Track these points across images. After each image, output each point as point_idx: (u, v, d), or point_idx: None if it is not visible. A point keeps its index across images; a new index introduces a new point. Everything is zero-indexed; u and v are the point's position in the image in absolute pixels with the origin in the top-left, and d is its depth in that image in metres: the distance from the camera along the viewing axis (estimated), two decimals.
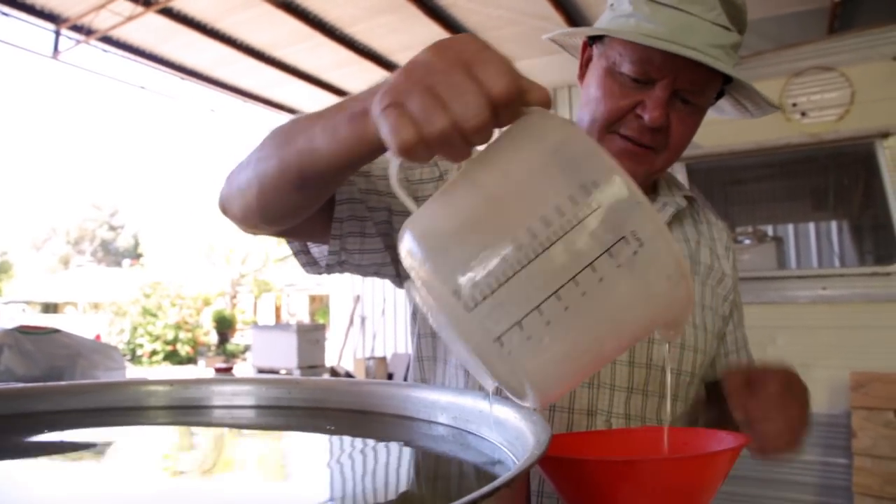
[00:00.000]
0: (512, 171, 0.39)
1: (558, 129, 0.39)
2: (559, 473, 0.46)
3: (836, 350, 2.57)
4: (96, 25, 6.46)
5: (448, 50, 0.40)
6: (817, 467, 2.56)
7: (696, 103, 0.84)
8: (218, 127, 68.02)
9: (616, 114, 0.84)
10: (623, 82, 0.83)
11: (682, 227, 0.98)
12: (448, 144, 0.39)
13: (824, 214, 5.16)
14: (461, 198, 0.40)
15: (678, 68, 0.79)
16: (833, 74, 2.71)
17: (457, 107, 0.38)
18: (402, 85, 0.40)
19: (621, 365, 0.86)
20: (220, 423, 0.65)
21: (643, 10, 0.80)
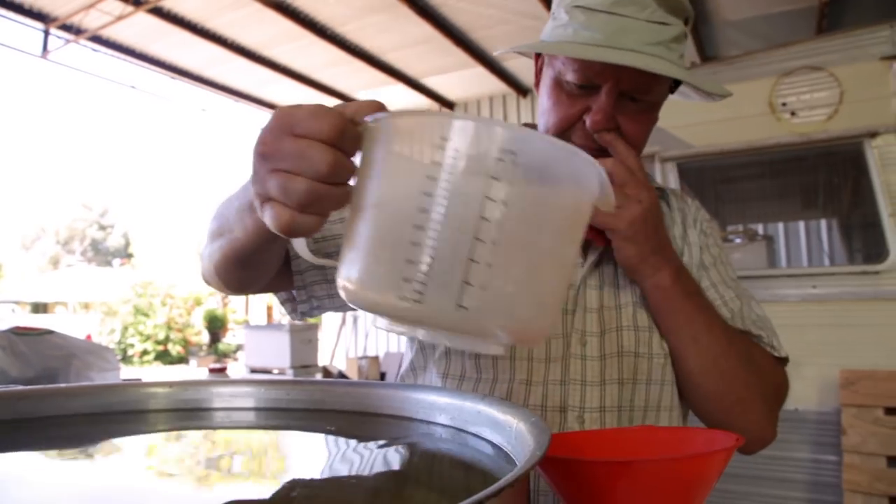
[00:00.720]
0: (377, 177, 0.41)
1: (388, 123, 0.41)
2: (557, 473, 0.47)
3: (826, 348, 2.60)
4: (86, 25, 6.42)
5: (269, 134, 0.44)
6: (807, 464, 2.59)
7: (646, 100, 0.84)
8: (209, 126, 67.75)
9: (566, 122, 0.86)
10: (570, 91, 0.84)
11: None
12: (319, 199, 0.42)
13: (814, 213, 5.21)
14: (358, 227, 0.42)
15: (618, 72, 0.80)
16: (822, 74, 2.73)
17: (304, 167, 0.41)
18: (256, 180, 0.44)
19: (592, 360, 0.86)
20: (219, 426, 0.65)
21: (578, 18, 0.81)
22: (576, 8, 0.82)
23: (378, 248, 0.40)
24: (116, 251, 40.73)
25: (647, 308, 0.89)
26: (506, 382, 0.85)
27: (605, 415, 0.86)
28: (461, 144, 0.37)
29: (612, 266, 0.91)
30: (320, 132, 0.41)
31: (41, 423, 0.61)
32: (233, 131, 62.70)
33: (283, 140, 0.42)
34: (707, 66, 3.19)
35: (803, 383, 2.62)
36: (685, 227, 1.00)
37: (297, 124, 0.42)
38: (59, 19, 6.40)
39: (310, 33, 6.55)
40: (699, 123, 2.95)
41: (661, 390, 0.90)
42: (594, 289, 0.89)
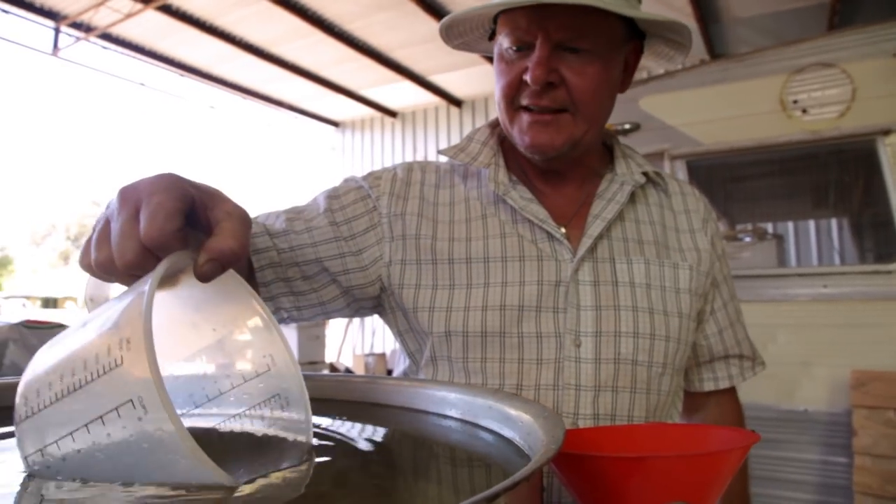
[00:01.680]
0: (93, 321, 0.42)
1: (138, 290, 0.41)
2: (569, 468, 0.46)
3: (837, 348, 2.57)
4: (96, 22, 6.45)
5: (132, 189, 0.46)
6: (817, 466, 2.56)
7: (586, 48, 0.80)
8: (217, 123, 68.02)
9: (510, 88, 0.84)
10: (508, 58, 0.84)
11: (647, 205, 0.94)
12: (111, 273, 0.45)
13: (825, 212, 5.16)
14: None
15: (545, 22, 0.79)
16: (834, 71, 2.70)
17: (115, 244, 0.44)
18: (100, 215, 0.48)
19: (586, 363, 0.82)
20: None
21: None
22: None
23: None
24: None
25: (650, 311, 0.86)
26: (495, 387, 0.82)
27: (600, 422, 0.83)
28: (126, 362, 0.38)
29: (609, 262, 0.87)
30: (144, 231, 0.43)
31: None
32: (241, 128, 62.92)
33: (126, 207, 0.45)
34: (716, 64, 3.16)
35: (813, 384, 2.60)
36: (691, 225, 0.97)
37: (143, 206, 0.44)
38: (70, 17, 6.44)
39: (318, 30, 6.56)
40: (709, 121, 2.93)
41: (658, 399, 0.87)
42: (588, 285, 0.85)
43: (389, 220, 0.89)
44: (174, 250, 0.43)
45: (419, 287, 0.87)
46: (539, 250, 0.86)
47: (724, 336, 0.98)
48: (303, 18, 6.34)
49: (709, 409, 1.03)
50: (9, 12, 6.18)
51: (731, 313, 1.00)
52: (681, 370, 0.92)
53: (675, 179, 1.02)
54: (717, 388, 1.01)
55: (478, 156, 0.92)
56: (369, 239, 0.88)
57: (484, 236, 0.87)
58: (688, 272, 0.91)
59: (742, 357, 1.02)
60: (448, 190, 0.93)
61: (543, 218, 0.87)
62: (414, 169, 0.95)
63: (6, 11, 6.16)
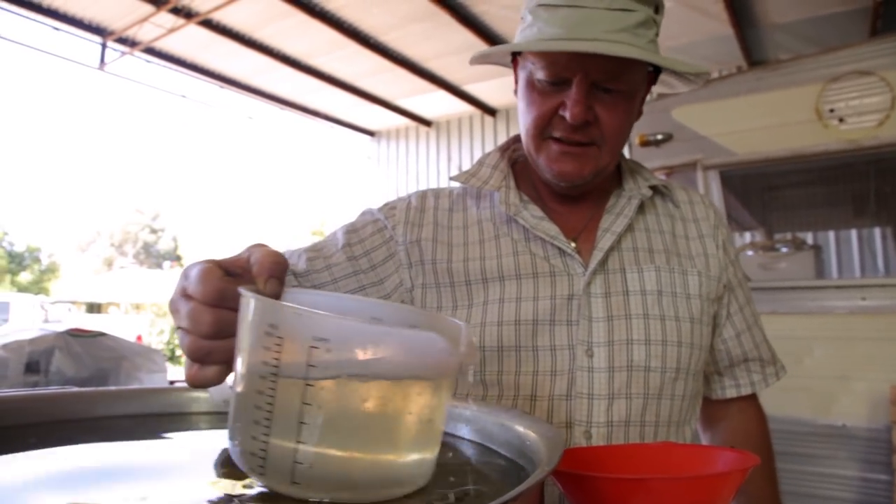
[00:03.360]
0: (239, 349, 0.45)
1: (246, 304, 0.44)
2: (575, 487, 0.48)
3: (876, 362, 2.51)
4: (140, 37, 6.68)
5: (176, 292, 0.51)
6: (856, 483, 2.50)
7: (619, 90, 0.84)
8: (255, 133, 69.26)
9: (542, 120, 0.86)
10: (542, 89, 0.85)
11: (655, 215, 0.97)
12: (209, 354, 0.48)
13: (866, 221, 5.03)
14: (234, 388, 0.46)
15: (585, 63, 0.80)
16: (872, 79, 2.65)
17: (191, 326, 0.48)
18: (175, 326, 0.52)
19: (599, 372, 0.84)
20: None
21: (541, 16, 0.82)
22: (539, 7, 0.83)
23: (238, 417, 0.44)
24: (167, 254, 41.98)
25: (661, 318, 0.88)
26: (510, 399, 0.86)
27: (614, 430, 0.85)
28: (283, 332, 0.40)
29: (620, 272, 0.90)
30: (203, 295, 0.47)
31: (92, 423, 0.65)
32: (278, 138, 63.97)
33: (180, 301, 0.49)
34: (750, 73, 3.12)
35: (852, 398, 2.54)
36: (700, 231, 0.99)
37: (188, 287, 0.49)
38: (116, 32, 6.67)
39: (353, 42, 6.67)
40: (742, 131, 2.90)
41: (672, 405, 0.88)
42: (600, 297, 0.88)
43: (406, 248, 0.93)
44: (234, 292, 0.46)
45: (440, 308, 0.91)
46: (552, 266, 0.89)
47: (741, 339, 0.99)
48: (339, 30, 6.45)
49: (732, 416, 1.03)
50: (59, 29, 6.44)
51: (748, 317, 1.01)
52: (697, 375, 0.93)
53: (683, 189, 1.04)
54: (739, 394, 1.01)
55: (489, 179, 0.96)
56: (389, 268, 0.93)
57: (497, 255, 0.91)
58: (697, 278, 0.93)
59: (762, 361, 1.02)
60: (461, 213, 0.97)
61: (554, 234, 0.90)
62: (427, 196, 1.00)
63: (56, 28, 6.42)
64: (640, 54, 0.78)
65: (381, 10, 6.06)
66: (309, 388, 0.40)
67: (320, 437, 0.40)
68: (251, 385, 0.42)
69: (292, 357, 0.40)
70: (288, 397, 0.40)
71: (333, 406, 0.40)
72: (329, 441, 0.40)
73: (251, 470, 0.43)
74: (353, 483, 0.41)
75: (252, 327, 0.42)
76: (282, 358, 0.40)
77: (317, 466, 0.40)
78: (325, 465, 0.41)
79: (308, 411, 0.40)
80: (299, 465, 0.40)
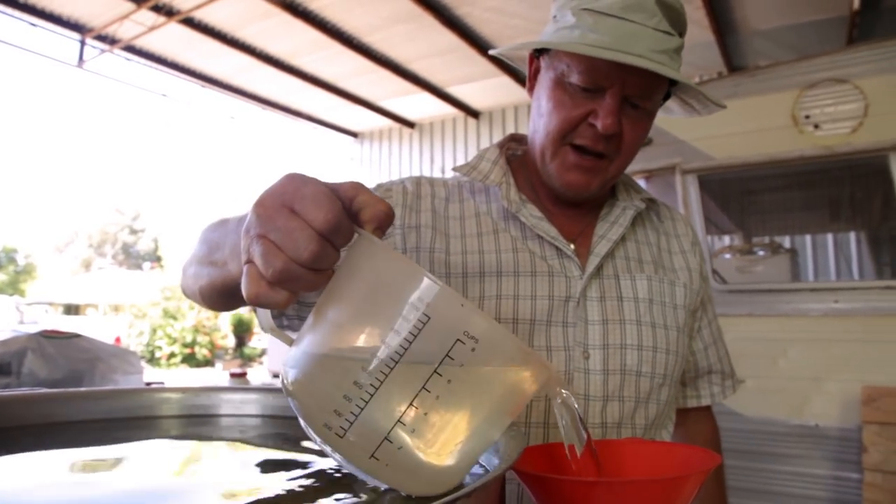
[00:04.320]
0: (350, 301, 0.43)
1: (379, 256, 0.42)
2: (535, 487, 0.49)
3: (848, 364, 2.55)
4: (120, 35, 6.61)
5: (272, 196, 0.44)
6: (828, 481, 2.54)
7: (645, 108, 0.86)
8: (237, 133, 68.78)
9: (569, 124, 0.86)
10: (573, 93, 0.85)
11: (644, 228, 1.00)
12: (294, 280, 0.42)
13: (841, 226, 5.11)
14: (315, 332, 0.44)
15: (625, 76, 0.81)
16: (847, 87, 2.70)
17: (288, 245, 0.42)
18: (245, 243, 0.44)
19: (595, 374, 0.86)
20: (226, 437, 0.68)
21: (586, 21, 0.82)
22: (584, 10, 0.82)
23: (326, 367, 0.42)
24: (146, 255, 41.53)
25: (652, 325, 0.90)
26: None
27: (607, 431, 0.87)
28: (432, 312, 0.39)
29: (614, 279, 0.92)
30: (314, 221, 0.42)
31: (62, 428, 0.64)
32: (260, 138, 63.56)
33: (280, 211, 0.43)
34: (728, 79, 3.16)
35: (824, 399, 2.58)
36: (682, 247, 1.03)
37: (298, 203, 0.43)
38: (95, 30, 6.60)
39: (337, 43, 6.65)
40: (720, 136, 2.93)
41: (657, 409, 0.91)
42: (595, 301, 0.89)
43: (403, 232, 0.91)
44: (348, 229, 0.43)
45: None
46: (549, 266, 0.89)
47: (708, 352, 1.04)
48: (322, 31, 6.43)
49: (688, 425, 1.07)
50: (36, 25, 6.36)
51: (715, 331, 1.06)
52: (677, 382, 0.97)
53: (665, 205, 1.07)
54: (699, 405, 1.06)
55: (489, 174, 0.95)
56: None
57: (496, 250, 0.90)
58: (682, 289, 0.97)
59: (723, 374, 1.07)
60: (458, 204, 0.96)
61: (555, 235, 0.90)
62: (422, 183, 0.98)
63: (34, 25, 6.33)
64: (684, 79, 0.81)
65: (365, 10, 6.06)
66: (436, 377, 0.39)
67: (422, 426, 0.40)
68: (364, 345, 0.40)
69: (432, 341, 0.39)
70: (408, 376, 0.39)
71: (449, 401, 0.40)
72: (427, 432, 0.40)
73: (325, 427, 0.41)
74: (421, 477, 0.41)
75: (395, 293, 0.40)
76: (420, 337, 0.39)
77: (404, 451, 0.40)
78: (411, 453, 0.40)
79: (424, 398, 0.39)
80: (389, 443, 0.40)
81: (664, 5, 0.82)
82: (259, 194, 0.45)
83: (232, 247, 0.61)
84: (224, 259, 0.63)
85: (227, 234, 0.64)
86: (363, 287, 0.42)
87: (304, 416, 0.42)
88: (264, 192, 0.45)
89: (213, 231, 0.70)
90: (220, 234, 0.66)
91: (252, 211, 0.44)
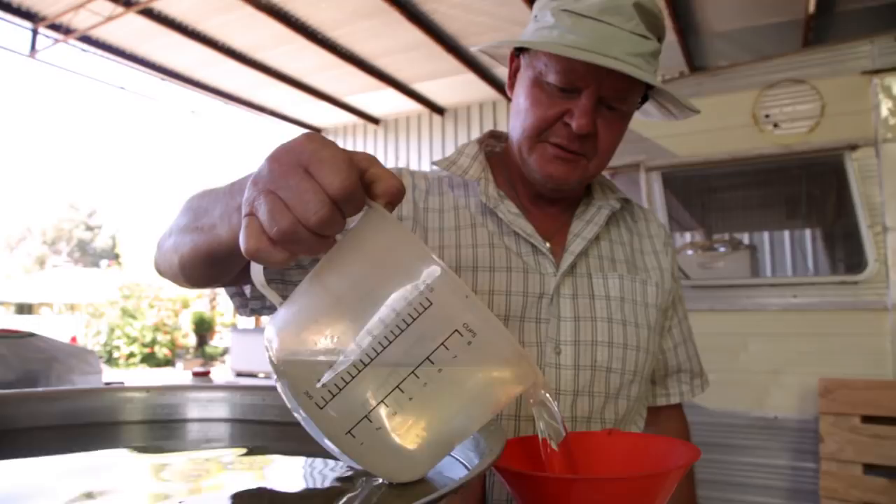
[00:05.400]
0: (352, 273, 0.42)
1: (391, 232, 0.41)
2: (513, 482, 0.49)
3: (805, 357, 2.63)
4: (75, 24, 6.41)
5: (288, 153, 0.43)
6: (786, 471, 2.61)
7: (621, 109, 0.87)
8: (199, 128, 67.51)
9: (544, 123, 0.87)
10: (550, 92, 0.86)
11: (618, 228, 1.02)
12: (297, 242, 0.41)
13: (798, 223, 5.26)
14: (310, 298, 0.43)
15: (601, 77, 0.82)
16: (805, 87, 2.77)
17: (297, 206, 0.40)
18: (251, 194, 0.43)
19: (566, 369, 0.88)
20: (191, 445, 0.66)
21: (565, 21, 0.83)
22: (563, 12, 0.84)
23: (313, 335, 0.41)
24: (104, 252, 40.45)
25: (623, 323, 0.92)
26: None
27: (577, 424, 0.88)
28: (436, 298, 0.38)
29: (587, 277, 0.93)
30: (329, 186, 0.40)
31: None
32: (223, 134, 62.53)
33: (295, 170, 0.41)
34: (692, 78, 3.22)
35: (783, 392, 2.65)
36: (654, 247, 1.04)
37: (315, 165, 0.41)
38: (48, 18, 6.39)
39: (301, 37, 6.57)
40: (683, 133, 2.98)
41: (627, 405, 0.93)
42: (568, 298, 0.91)
43: None
44: (360, 199, 0.42)
45: None
46: (524, 263, 0.90)
47: (678, 351, 1.06)
48: (286, 25, 6.34)
49: (659, 423, 1.09)
50: None
51: (685, 330, 1.08)
52: (647, 379, 0.98)
53: (639, 207, 1.09)
54: (668, 402, 1.08)
55: (468, 169, 0.96)
56: None
57: (473, 245, 0.91)
58: (654, 288, 0.98)
59: (692, 373, 1.09)
60: (438, 197, 0.96)
61: (531, 232, 0.91)
62: (404, 174, 0.98)
63: None
64: (658, 83, 0.83)
65: (330, 5, 5.99)
66: (427, 364, 0.38)
67: (404, 410, 0.39)
68: (360, 317, 0.39)
69: (430, 327, 0.38)
70: (399, 358, 0.38)
71: (435, 390, 0.39)
72: (409, 416, 0.39)
73: (306, 395, 0.39)
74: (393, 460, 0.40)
75: (400, 272, 0.39)
76: (418, 320, 0.38)
77: (382, 432, 0.39)
78: (387, 435, 0.39)
79: (412, 383, 0.38)
80: (368, 422, 0.39)
81: (642, 9, 0.83)
82: (274, 148, 0.44)
83: (223, 210, 0.59)
84: (213, 223, 0.60)
85: (217, 199, 0.61)
86: (368, 261, 0.41)
87: (286, 381, 0.41)
88: (280, 146, 0.44)
89: (199, 199, 0.67)
90: (209, 199, 0.63)
91: (265, 163, 0.43)
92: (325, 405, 0.39)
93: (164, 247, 0.72)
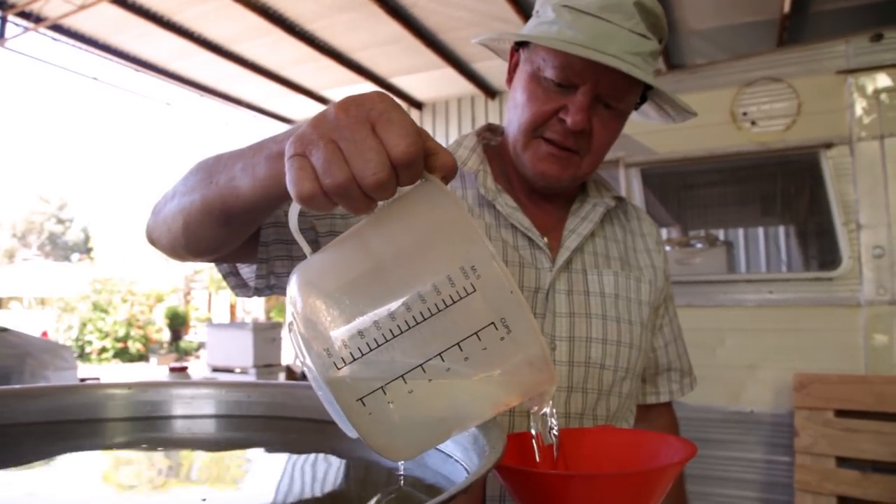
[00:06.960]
0: (399, 241, 0.41)
1: (447, 208, 0.41)
2: (510, 479, 0.48)
3: (781, 352, 2.67)
4: (46, 13, 6.25)
5: (358, 106, 0.42)
6: (761, 465, 2.66)
7: (618, 108, 0.87)
8: (174, 120, 66.55)
9: (540, 118, 0.87)
10: (547, 87, 0.86)
11: (612, 226, 1.02)
12: (346, 197, 0.40)
13: (773, 220, 5.34)
14: (349, 256, 0.42)
15: (598, 74, 0.82)
16: (781, 86, 2.81)
17: (357, 162, 0.39)
18: (309, 135, 0.41)
19: (560, 365, 0.88)
20: (178, 440, 0.65)
21: (565, 17, 0.83)
22: (564, 7, 0.83)
23: (346, 296, 0.40)
24: (75, 246, 39.72)
25: (617, 320, 0.92)
26: None
27: (571, 421, 0.88)
28: (481, 286, 0.37)
29: (582, 273, 0.93)
30: (394, 148, 0.39)
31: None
32: (198, 126, 61.73)
33: (362, 125, 0.40)
34: (671, 75, 3.25)
35: (759, 386, 2.69)
36: (647, 245, 1.05)
37: (383, 124, 0.40)
38: (18, 6, 6.22)
39: (278, 29, 6.49)
40: (662, 130, 3.01)
41: (619, 401, 0.93)
42: (563, 294, 0.91)
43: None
44: (419, 170, 0.40)
45: None
46: (521, 257, 0.90)
47: (668, 350, 1.07)
48: (263, 17, 6.25)
49: (650, 420, 1.10)
50: None
51: (675, 329, 1.09)
52: (638, 376, 0.98)
53: (632, 205, 1.10)
54: (658, 401, 1.09)
55: (467, 161, 0.96)
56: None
57: None
58: (647, 286, 0.99)
59: (682, 372, 1.10)
60: None
61: (528, 226, 0.91)
62: None
63: None
64: (654, 82, 0.83)
65: None
66: (455, 349, 0.37)
67: (419, 390, 0.38)
68: (398, 288, 0.38)
69: (468, 314, 0.37)
70: (427, 336, 0.37)
71: (456, 376, 0.38)
72: (424, 398, 0.38)
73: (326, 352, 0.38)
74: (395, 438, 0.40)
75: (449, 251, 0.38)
76: (458, 304, 0.37)
77: (393, 407, 0.38)
78: (396, 412, 0.39)
79: (435, 365, 0.38)
80: (382, 394, 0.38)
81: (643, 8, 0.83)
82: (344, 98, 0.42)
83: (246, 164, 0.56)
84: (231, 175, 0.57)
85: (236, 157, 0.58)
86: (418, 232, 0.40)
87: (305, 332, 0.39)
88: (350, 97, 0.42)
89: (213, 160, 0.64)
90: (226, 158, 0.60)
91: (332, 109, 0.41)
92: (343, 367, 0.38)
93: (164, 211, 0.69)
